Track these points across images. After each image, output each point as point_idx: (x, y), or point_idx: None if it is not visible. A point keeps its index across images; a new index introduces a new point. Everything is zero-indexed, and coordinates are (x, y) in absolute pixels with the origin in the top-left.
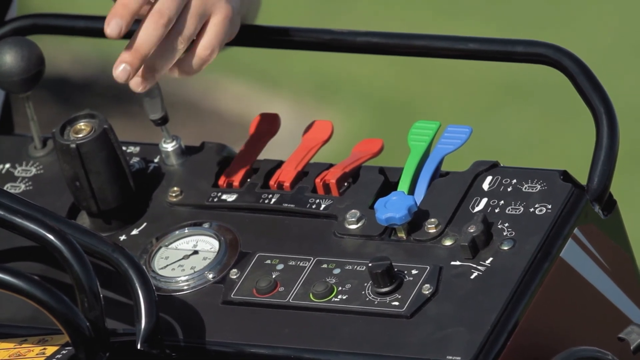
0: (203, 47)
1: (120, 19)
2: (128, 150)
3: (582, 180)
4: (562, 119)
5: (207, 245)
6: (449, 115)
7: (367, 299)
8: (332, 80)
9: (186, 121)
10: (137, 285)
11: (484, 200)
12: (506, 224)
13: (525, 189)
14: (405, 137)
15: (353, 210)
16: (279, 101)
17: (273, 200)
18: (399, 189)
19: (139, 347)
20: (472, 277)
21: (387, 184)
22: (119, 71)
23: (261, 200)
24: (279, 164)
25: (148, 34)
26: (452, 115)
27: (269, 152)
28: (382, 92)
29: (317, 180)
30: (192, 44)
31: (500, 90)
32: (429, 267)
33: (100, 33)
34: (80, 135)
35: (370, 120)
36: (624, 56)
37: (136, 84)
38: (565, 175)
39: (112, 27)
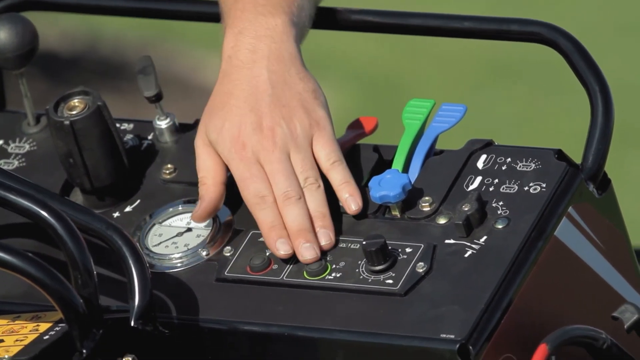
0: (339, 172)
1: (285, 239)
2: (122, 127)
3: (573, 158)
4: (550, 97)
5: (200, 222)
6: (437, 93)
7: (361, 277)
8: (321, 57)
9: (175, 98)
10: (130, 262)
11: (479, 178)
12: (500, 203)
13: (519, 167)
14: (394, 114)
15: None
16: None
17: None
18: (393, 167)
19: (132, 324)
20: (466, 255)
21: (382, 162)
22: (311, 257)
23: None
24: None
25: (298, 219)
26: (440, 93)
27: None
28: (370, 69)
29: None
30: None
31: (489, 69)
32: (423, 246)
33: (92, 10)
34: (74, 112)
35: (358, 97)
36: (608, 35)
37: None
38: (560, 154)
39: (282, 250)
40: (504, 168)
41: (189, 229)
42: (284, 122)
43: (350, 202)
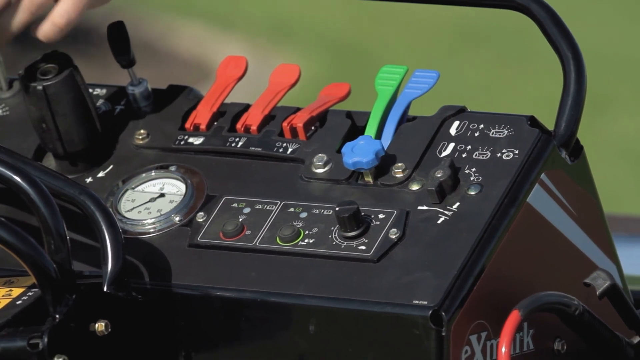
0: (58, 15)
1: None
2: (94, 93)
3: (545, 123)
4: (518, 63)
5: (173, 188)
6: (406, 60)
7: (334, 243)
8: (287, 23)
9: (143, 63)
10: (103, 227)
11: (451, 145)
12: (473, 169)
13: (492, 134)
14: (363, 80)
15: (320, 154)
16: (235, 43)
17: (240, 143)
18: (366, 133)
19: (105, 289)
20: (439, 221)
21: (355, 128)
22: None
23: (228, 144)
24: (246, 107)
25: None
26: (409, 60)
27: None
28: (337, 34)
29: (284, 123)
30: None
31: (457, 35)
32: (395, 212)
33: None
34: (46, 77)
35: (325, 62)
36: (581, 3)
37: None
38: (533, 121)
39: None
40: (476, 134)
41: (162, 195)
42: None
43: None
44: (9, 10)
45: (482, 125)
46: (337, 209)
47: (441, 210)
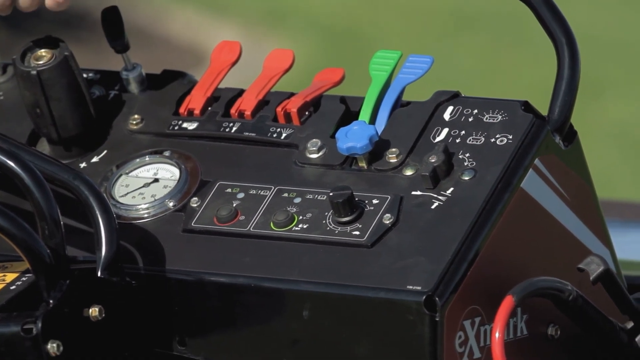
0: None
1: None
2: (89, 78)
3: (538, 109)
4: (510, 48)
5: (167, 173)
6: (399, 44)
7: (328, 228)
8: (281, 7)
9: (135, 48)
10: (97, 212)
11: (445, 130)
12: (467, 154)
13: (486, 119)
14: (356, 64)
15: (314, 140)
16: (228, 28)
17: (234, 128)
18: (360, 119)
19: (99, 274)
20: (432, 207)
21: (348, 113)
22: None
23: (222, 129)
24: (240, 92)
25: None
26: (402, 45)
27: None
28: (331, 19)
29: (278, 109)
30: None
31: (451, 20)
32: (389, 197)
33: None
34: (41, 62)
35: (319, 47)
36: None
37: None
38: (527, 106)
39: None
40: (470, 119)
41: (156, 180)
42: None
43: None
44: None
45: (476, 111)
46: (331, 194)
47: (435, 196)
